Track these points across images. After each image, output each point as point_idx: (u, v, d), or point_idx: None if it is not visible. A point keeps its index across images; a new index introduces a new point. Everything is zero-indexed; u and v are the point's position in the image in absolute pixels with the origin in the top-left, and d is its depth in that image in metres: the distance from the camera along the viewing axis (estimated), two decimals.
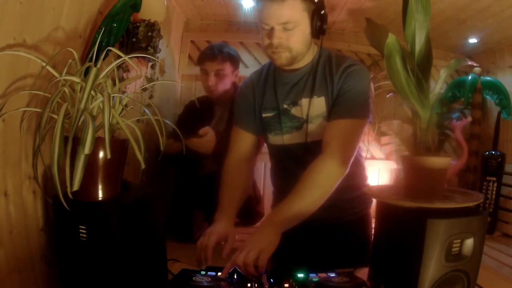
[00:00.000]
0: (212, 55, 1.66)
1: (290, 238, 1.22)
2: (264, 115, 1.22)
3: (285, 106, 1.18)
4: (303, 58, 1.13)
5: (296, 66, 1.15)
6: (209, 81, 1.66)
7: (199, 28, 2.35)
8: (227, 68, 1.68)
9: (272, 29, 1.04)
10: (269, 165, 1.47)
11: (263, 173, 2.12)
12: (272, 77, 1.23)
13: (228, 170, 1.22)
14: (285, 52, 1.08)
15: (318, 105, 1.14)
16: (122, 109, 0.79)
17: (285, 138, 1.20)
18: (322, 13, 1.07)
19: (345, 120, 1.06)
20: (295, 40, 1.06)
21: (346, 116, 1.07)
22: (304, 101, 1.15)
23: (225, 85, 1.70)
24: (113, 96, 0.74)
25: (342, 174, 1.04)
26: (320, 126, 1.14)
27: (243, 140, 1.25)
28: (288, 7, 1.01)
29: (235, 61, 1.73)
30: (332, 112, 1.10)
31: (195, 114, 1.76)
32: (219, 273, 0.91)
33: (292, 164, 1.21)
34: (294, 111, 1.18)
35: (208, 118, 1.76)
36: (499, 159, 2.08)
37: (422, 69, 0.82)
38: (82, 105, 0.69)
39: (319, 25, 1.07)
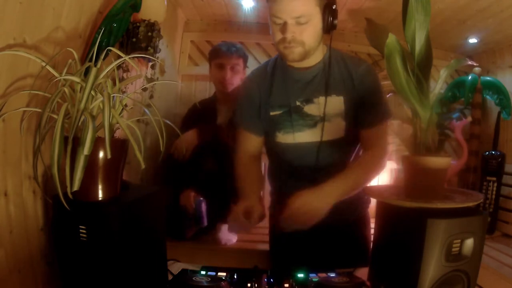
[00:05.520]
0: (229, 51, 1.75)
1: (291, 238, 1.23)
2: (272, 113, 1.18)
3: (297, 103, 1.16)
4: (314, 54, 1.12)
5: (306, 64, 1.14)
6: (226, 75, 1.74)
7: (199, 28, 2.36)
8: (241, 64, 1.79)
9: (285, 23, 1.03)
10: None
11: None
12: (281, 73, 1.19)
13: (241, 165, 1.23)
14: (298, 47, 1.06)
15: (335, 104, 1.14)
16: (122, 109, 0.79)
17: (296, 136, 1.17)
18: (333, 8, 1.07)
19: (380, 125, 1.13)
20: (308, 35, 1.06)
21: (381, 122, 1.13)
22: (321, 99, 1.14)
23: (237, 81, 1.78)
24: (113, 96, 0.74)
25: (384, 167, 1.13)
26: (337, 125, 1.14)
27: (251, 142, 1.24)
28: (301, 1, 1.02)
29: (246, 59, 1.83)
30: (367, 119, 1.13)
31: (200, 117, 1.78)
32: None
33: (300, 162, 1.19)
34: (308, 109, 1.15)
35: (213, 121, 1.79)
36: (499, 159, 2.08)
37: (422, 69, 0.82)
38: (82, 105, 0.69)
39: (331, 20, 1.07)
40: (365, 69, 1.14)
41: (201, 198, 1.68)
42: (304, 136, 1.17)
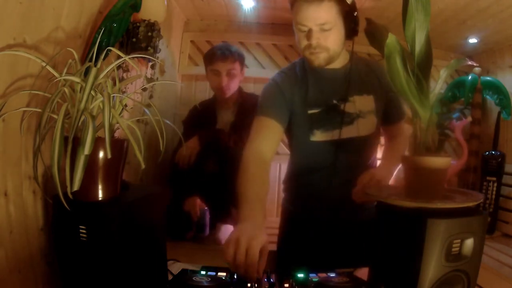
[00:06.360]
0: (223, 56, 1.71)
1: (306, 238, 1.25)
2: (310, 111, 1.21)
3: (334, 101, 1.21)
4: (338, 58, 1.19)
5: (335, 65, 1.20)
6: (222, 82, 1.71)
7: (199, 28, 2.36)
8: (237, 67, 1.75)
9: (310, 30, 1.10)
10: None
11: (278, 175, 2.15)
12: (313, 74, 1.23)
13: (252, 161, 1.09)
14: (323, 53, 1.13)
15: (367, 102, 1.22)
16: (122, 109, 0.79)
17: (335, 133, 1.21)
18: (355, 14, 1.13)
19: (402, 120, 1.30)
20: (332, 40, 1.12)
21: (403, 117, 1.29)
22: (356, 98, 1.21)
23: (236, 84, 1.77)
24: (113, 96, 0.74)
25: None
26: (370, 121, 1.22)
27: (271, 131, 1.17)
28: (325, 9, 1.07)
29: (243, 60, 1.80)
30: (395, 115, 1.28)
31: (200, 119, 1.79)
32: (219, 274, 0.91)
33: (334, 158, 1.22)
34: (344, 106, 1.20)
35: (213, 123, 1.80)
36: (499, 159, 2.08)
37: (422, 69, 0.82)
38: (82, 105, 0.69)
39: (353, 26, 1.13)
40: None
41: (206, 208, 1.69)
42: (342, 133, 1.21)
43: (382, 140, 2.29)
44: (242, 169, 1.07)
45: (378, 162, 1.38)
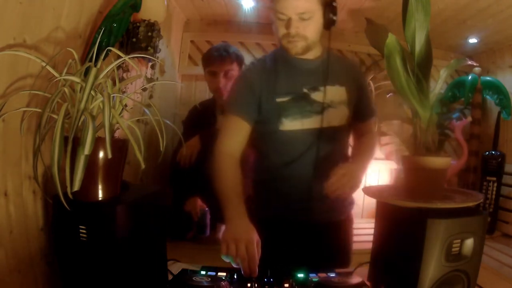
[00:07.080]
0: (220, 56, 1.70)
1: (283, 239, 1.24)
2: (278, 99, 1.19)
3: (305, 90, 1.20)
4: (314, 49, 1.19)
5: (309, 56, 1.20)
6: (220, 82, 1.70)
7: (199, 28, 2.36)
8: (235, 68, 1.73)
9: (289, 19, 1.09)
10: None
11: None
12: (285, 64, 1.21)
13: (223, 160, 1.15)
14: (301, 41, 1.13)
15: (339, 93, 1.22)
16: (122, 109, 0.79)
17: (305, 122, 1.19)
18: (333, 5, 1.13)
19: (373, 118, 1.33)
20: (310, 30, 1.12)
21: (373, 116, 1.32)
22: (328, 88, 1.20)
23: None
24: (113, 96, 0.74)
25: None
26: (342, 111, 1.21)
27: (240, 130, 1.19)
28: None
29: (241, 60, 1.79)
30: (364, 112, 1.29)
31: (200, 119, 1.78)
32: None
33: (304, 149, 1.20)
34: (315, 96, 1.19)
35: (214, 123, 1.79)
36: (499, 159, 2.08)
37: (422, 69, 0.82)
38: (82, 105, 0.69)
39: (332, 16, 1.13)
40: (359, 67, 1.24)
41: (206, 209, 1.69)
42: (312, 122, 1.19)
43: (383, 140, 2.29)
44: (215, 169, 1.15)
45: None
